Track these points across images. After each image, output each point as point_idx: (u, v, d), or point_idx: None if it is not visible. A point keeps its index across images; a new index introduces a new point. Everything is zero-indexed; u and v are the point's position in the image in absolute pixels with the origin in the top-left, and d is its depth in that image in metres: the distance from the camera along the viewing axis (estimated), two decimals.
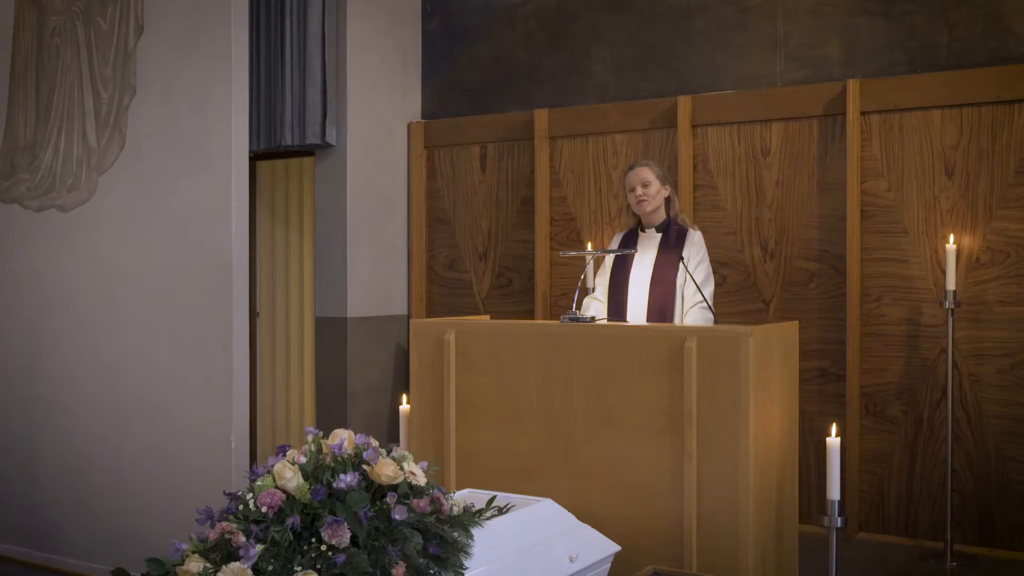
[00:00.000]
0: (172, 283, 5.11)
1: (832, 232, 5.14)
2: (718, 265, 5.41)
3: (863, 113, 5.06)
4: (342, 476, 2.58)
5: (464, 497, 3.33)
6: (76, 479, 5.33)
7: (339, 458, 2.63)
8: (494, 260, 6.09)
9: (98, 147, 5.35)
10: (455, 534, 2.87)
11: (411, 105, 6.28)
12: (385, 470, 2.65)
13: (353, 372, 5.84)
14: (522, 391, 3.80)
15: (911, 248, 4.98)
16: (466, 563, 2.87)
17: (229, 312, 4.94)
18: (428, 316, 6.24)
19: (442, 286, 6.27)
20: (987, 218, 4.82)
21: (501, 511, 3.20)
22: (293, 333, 6.79)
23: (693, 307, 4.17)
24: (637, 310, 4.24)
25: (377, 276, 6.05)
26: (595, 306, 4.44)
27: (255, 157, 6.51)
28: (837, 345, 5.11)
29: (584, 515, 3.58)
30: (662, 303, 4.18)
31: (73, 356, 5.40)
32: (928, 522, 4.95)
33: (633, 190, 4.38)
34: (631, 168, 4.49)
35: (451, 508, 2.94)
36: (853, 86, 5.03)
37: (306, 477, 2.61)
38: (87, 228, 5.42)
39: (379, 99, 6.02)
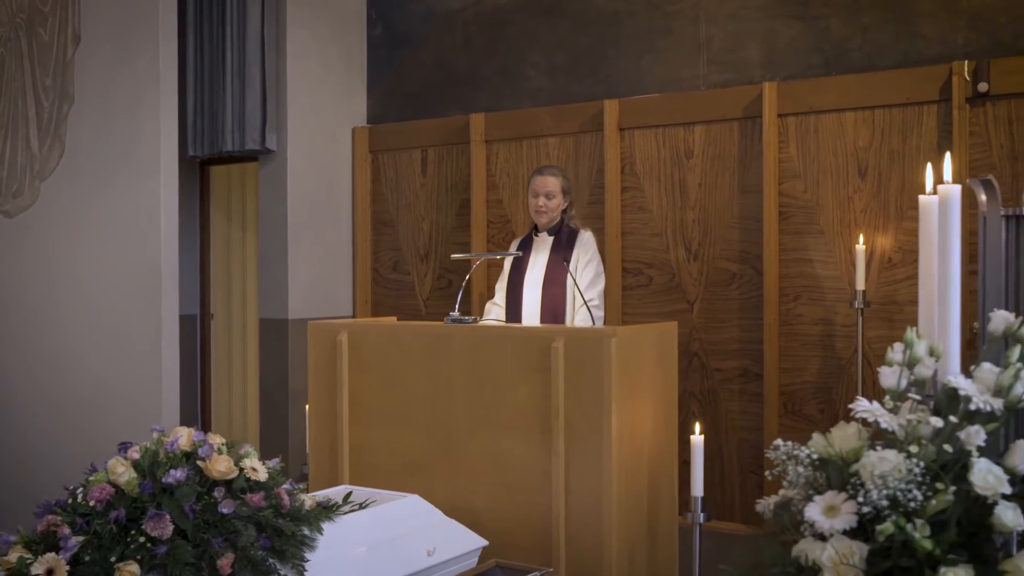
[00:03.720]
0: (108, 286, 5.28)
1: (752, 233, 5.21)
2: (645, 266, 5.50)
3: (780, 115, 5.12)
4: (172, 471, 2.70)
5: (337, 493, 3.45)
6: (27, 476, 5.51)
7: (171, 454, 2.75)
8: (435, 262, 6.20)
9: (40, 154, 5.52)
10: (303, 529, 3.00)
11: (356, 110, 6.41)
12: (218, 466, 2.77)
13: (294, 372, 5.96)
14: (408, 390, 3.91)
15: (826, 248, 5.04)
16: (310, 556, 2.99)
17: (159, 314, 5.10)
18: (373, 317, 6.36)
19: (386, 288, 6.39)
20: (898, 218, 4.87)
21: (362, 506, 3.32)
22: (249, 335, 6.94)
23: (580, 308, 4.26)
24: (531, 312, 4.34)
25: (320, 278, 6.18)
26: (495, 311, 4.55)
27: (206, 162, 6.67)
28: (757, 345, 5.18)
29: (465, 511, 3.69)
30: (554, 304, 4.28)
31: (24, 355, 5.59)
32: None
33: (536, 197, 4.48)
34: (540, 172, 4.57)
35: (303, 503, 3.07)
36: (769, 89, 5.09)
37: (142, 472, 2.74)
38: (31, 233, 5.60)
39: (322, 105, 6.15)
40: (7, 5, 5.62)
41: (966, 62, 4.66)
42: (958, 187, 2.14)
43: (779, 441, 1.91)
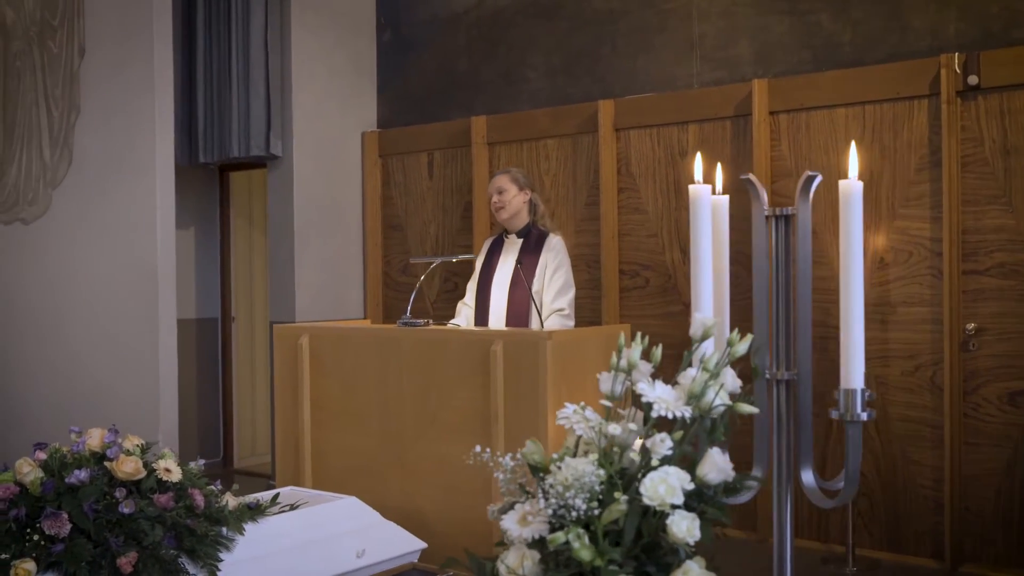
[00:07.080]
0: (110, 291, 5.44)
1: (746, 233, 5.08)
2: (641, 268, 5.43)
3: (772, 113, 5.01)
4: (76, 472, 2.77)
5: (270, 494, 3.49)
6: None
7: (76, 455, 2.83)
8: (441, 265, 6.22)
9: (51, 163, 5.71)
10: (222, 529, 3.05)
11: (367, 115, 6.47)
12: (124, 467, 2.84)
13: None
14: (363, 394, 3.94)
15: (819, 248, 4.91)
16: (231, 555, 3.03)
17: (155, 319, 5.22)
18: (384, 320, 6.42)
19: (397, 290, 6.44)
20: (890, 217, 4.73)
21: (293, 507, 3.36)
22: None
23: (551, 315, 4.21)
24: (497, 314, 4.32)
25: (329, 282, 6.25)
26: (464, 311, 4.55)
27: (225, 168, 6.81)
28: None
29: (414, 512, 3.71)
30: (519, 308, 4.25)
31: (33, 359, 5.79)
32: (838, 526, 4.87)
33: (491, 198, 4.50)
34: (492, 177, 4.62)
35: (224, 504, 3.12)
36: (759, 86, 4.99)
37: (50, 473, 2.82)
38: (45, 239, 5.80)
39: (329, 110, 6.22)
40: (22, 20, 5.83)
41: (956, 55, 4.50)
42: (707, 187, 2.08)
43: (477, 448, 1.88)
